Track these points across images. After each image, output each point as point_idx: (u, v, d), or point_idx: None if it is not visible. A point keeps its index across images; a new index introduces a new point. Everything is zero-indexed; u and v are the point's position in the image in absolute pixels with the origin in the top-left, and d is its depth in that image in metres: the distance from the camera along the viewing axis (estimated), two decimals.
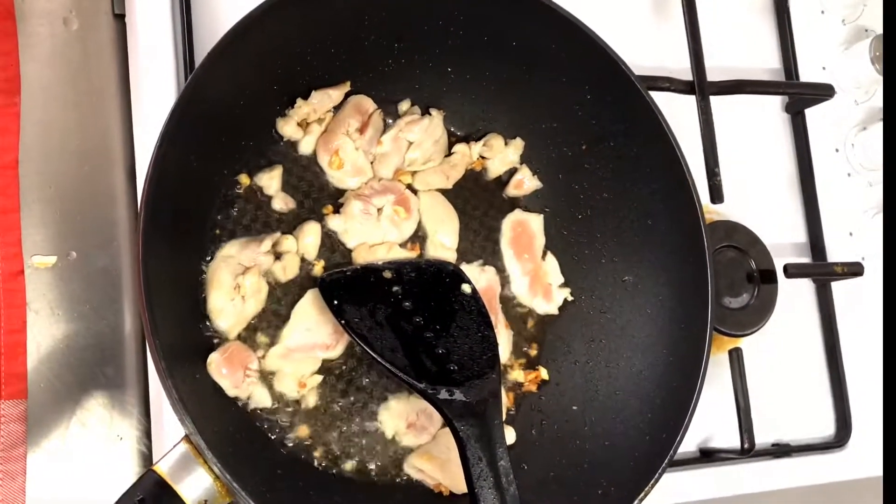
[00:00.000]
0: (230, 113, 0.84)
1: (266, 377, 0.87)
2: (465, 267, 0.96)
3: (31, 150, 0.95)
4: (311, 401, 0.88)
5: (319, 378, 0.89)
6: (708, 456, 1.09)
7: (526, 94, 0.96)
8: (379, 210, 0.93)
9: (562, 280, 0.99)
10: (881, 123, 1.20)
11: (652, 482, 0.83)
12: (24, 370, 0.92)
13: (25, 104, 0.96)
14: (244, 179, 0.90)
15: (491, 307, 0.95)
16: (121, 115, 0.99)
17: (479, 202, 0.99)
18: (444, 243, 0.96)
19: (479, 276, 0.96)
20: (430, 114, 0.97)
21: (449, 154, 0.98)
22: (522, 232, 0.99)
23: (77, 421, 0.93)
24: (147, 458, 0.95)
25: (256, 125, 0.90)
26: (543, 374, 0.97)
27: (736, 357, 1.05)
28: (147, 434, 0.95)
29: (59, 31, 0.99)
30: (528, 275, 0.98)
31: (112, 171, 0.98)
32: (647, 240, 0.94)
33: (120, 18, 1.00)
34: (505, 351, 0.95)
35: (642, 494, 0.82)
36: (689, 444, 1.08)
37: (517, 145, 0.99)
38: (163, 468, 0.72)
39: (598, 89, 0.92)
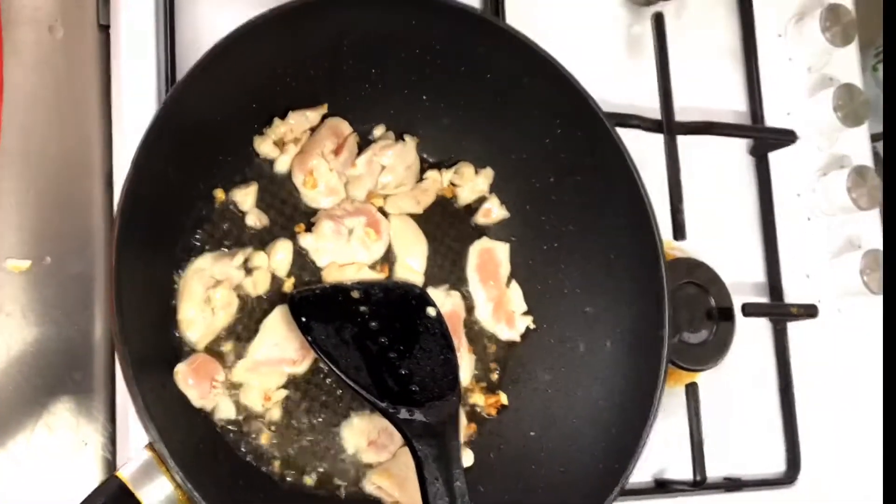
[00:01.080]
0: (209, 128, 0.85)
1: (232, 389, 0.88)
2: (431, 291, 0.97)
3: (10, 154, 0.96)
4: (276, 414, 0.89)
5: (285, 392, 0.90)
6: (662, 486, 1.10)
7: (498, 125, 0.97)
8: (350, 231, 0.94)
9: (525, 308, 1.00)
10: (842, 170, 1.22)
11: None
12: None
13: (7, 108, 0.96)
14: (219, 194, 0.90)
15: (455, 331, 0.96)
16: (100, 123, 1.00)
17: (447, 228, 1.01)
18: (412, 267, 0.97)
19: (445, 301, 0.97)
20: (403, 139, 0.99)
21: (421, 180, 1.00)
22: (489, 259, 1.00)
23: (43, 424, 0.93)
24: (111, 465, 0.95)
25: (234, 142, 0.91)
26: (503, 398, 0.98)
27: (692, 391, 1.07)
28: (112, 440, 0.96)
29: (44, 39, 1.00)
30: (492, 301, 0.99)
31: (90, 178, 0.99)
32: (609, 273, 0.96)
33: (104, 29, 1.01)
34: (467, 374, 0.97)
35: None
36: (644, 475, 1.09)
37: (487, 175, 1.01)
38: (125, 474, 0.73)
39: (568, 124, 0.94)
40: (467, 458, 0.94)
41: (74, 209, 0.99)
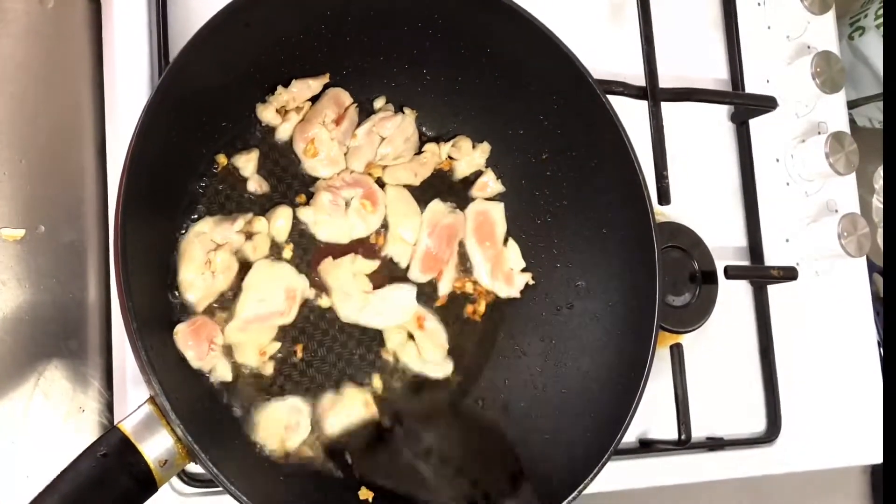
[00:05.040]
0: (212, 94, 0.85)
1: (229, 351, 0.88)
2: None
3: (2, 124, 0.97)
4: (269, 370, 0.90)
5: (278, 345, 0.91)
6: (646, 446, 1.11)
7: (496, 100, 0.97)
8: (347, 203, 0.95)
9: (523, 265, 1.00)
10: (820, 136, 1.23)
11: (589, 478, 0.84)
12: None
13: None
14: (221, 159, 0.91)
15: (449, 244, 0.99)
16: (92, 93, 1.00)
17: (444, 201, 1.00)
18: (403, 237, 0.97)
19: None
20: (403, 112, 0.99)
21: (419, 153, 1.00)
22: (484, 220, 1.01)
23: (39, 392, 0.94)
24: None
25: (237, 108, 0.92)
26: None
27: (676, 353, 1.08)
28: (108, 407, 0.97)
29: (34, 9, 1.00)
30: (489, 261, 1.00)
31: (82, 147, 1.00)
32: (601, 248, 0.96)
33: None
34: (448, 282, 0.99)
35: (581, 487, 0.84)
36: (629, 435, 1.07)
37: (484, 149, 1.01)
38: (126, 427, 0.74)
39: (565, 101, 0.94)
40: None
41: (67, 178, 0.99)
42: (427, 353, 0.96)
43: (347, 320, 0.94)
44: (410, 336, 0.96)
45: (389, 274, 0.98)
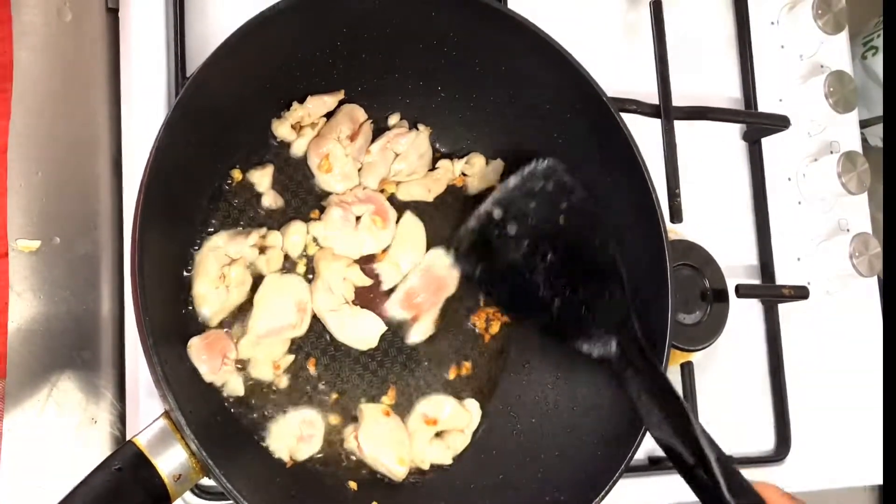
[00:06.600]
0: (229, 110, 0.86)
1: (243, 366, 0.89)
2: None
3: (20, 136, 0.96)
4: (283, 383, 0.90)
5: (292, 357, 0.91)
6: (656, 464, 1.10)
7: (510, 117, 0.97)
8: (357, 218, 0.95)
9: None
10: (832, 155, 1.23)
11: (600, 496, 0.84)
12: (4, 350, 0.93)
13: (17, 91, 0.97)
14: (237, 174, 0.91)
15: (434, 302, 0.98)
16: (109, 106, 1.01)
17: (457, 217, 1.00)
18: (398, 263, 0.97)
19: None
20: (417, 129, 0.99)
21: (433, 169, 1.00)
22: None
23: (53, 402, 0.94)
24: (120, 442, 0.96)
25: (253, 124, 0.92)
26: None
27: (687, 371, 1.08)
28: (120, 419, 0.96)
29: (52, 22, 1.00)
30: None
31: (97, 160, 1.00)
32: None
33: (113, 13, 1.01)
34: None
35: None
36: (638, 453, 1.06)
37: (497, 166, 1.01)
38: (141, 441, 0.74)
39: (579, 119, 0.93)
40: (463, 441, 0.96)
41: (82, 190, 0.99)
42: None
43: (315, 310, 0.93)
44: None
45: (373, 291, 0.97)
